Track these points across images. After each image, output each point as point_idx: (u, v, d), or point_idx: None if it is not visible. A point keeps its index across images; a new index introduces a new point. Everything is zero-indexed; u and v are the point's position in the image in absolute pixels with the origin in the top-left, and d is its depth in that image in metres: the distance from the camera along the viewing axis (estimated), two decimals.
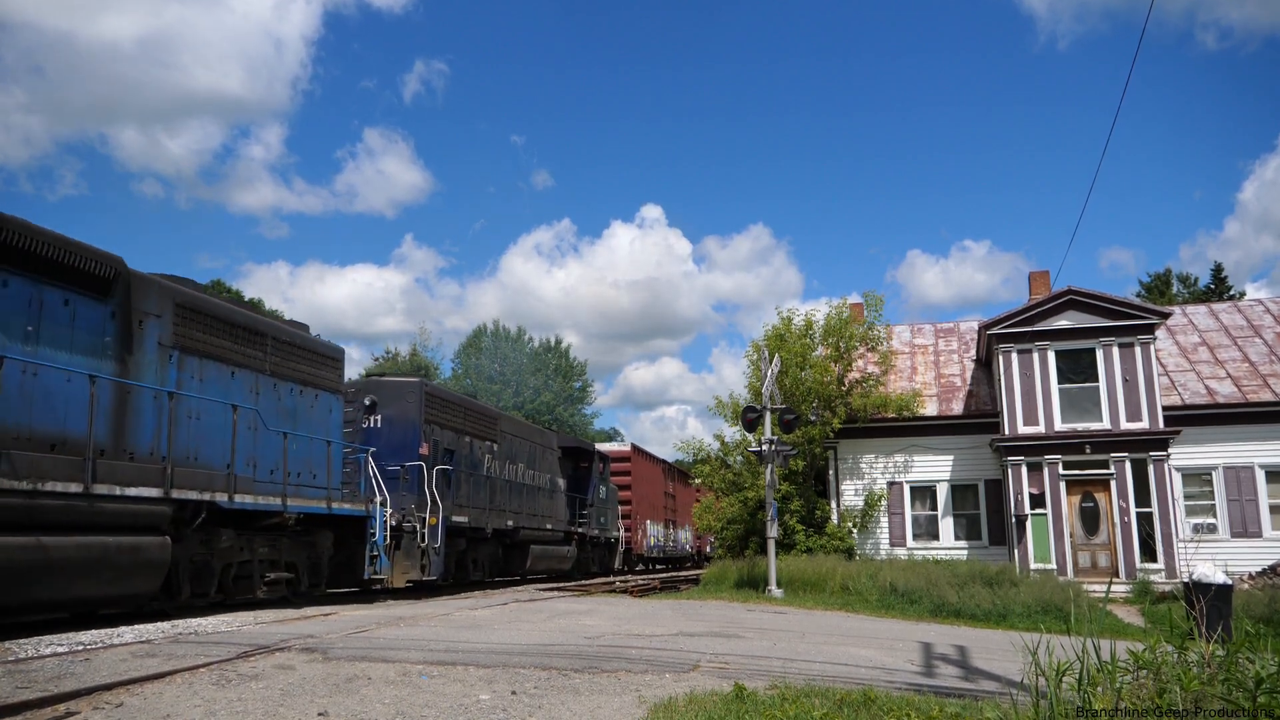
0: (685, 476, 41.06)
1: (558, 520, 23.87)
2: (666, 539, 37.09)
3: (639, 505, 32.50)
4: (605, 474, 28.10)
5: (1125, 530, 20.78)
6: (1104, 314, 21.89)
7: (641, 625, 10.58)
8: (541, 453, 23.36)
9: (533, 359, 63.14)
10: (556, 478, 24.33)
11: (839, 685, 6.41)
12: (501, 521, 19.94)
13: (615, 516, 29.44)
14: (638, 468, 33.40)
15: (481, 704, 5.64)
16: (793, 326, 24.74)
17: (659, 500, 36.30)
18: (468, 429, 18.88)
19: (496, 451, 20.20)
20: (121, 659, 6.75)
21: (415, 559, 15.43)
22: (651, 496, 34.80)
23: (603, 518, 27.66)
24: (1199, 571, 10.38)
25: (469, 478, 18.67)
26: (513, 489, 21.10)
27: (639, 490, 32.67)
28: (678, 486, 40.03)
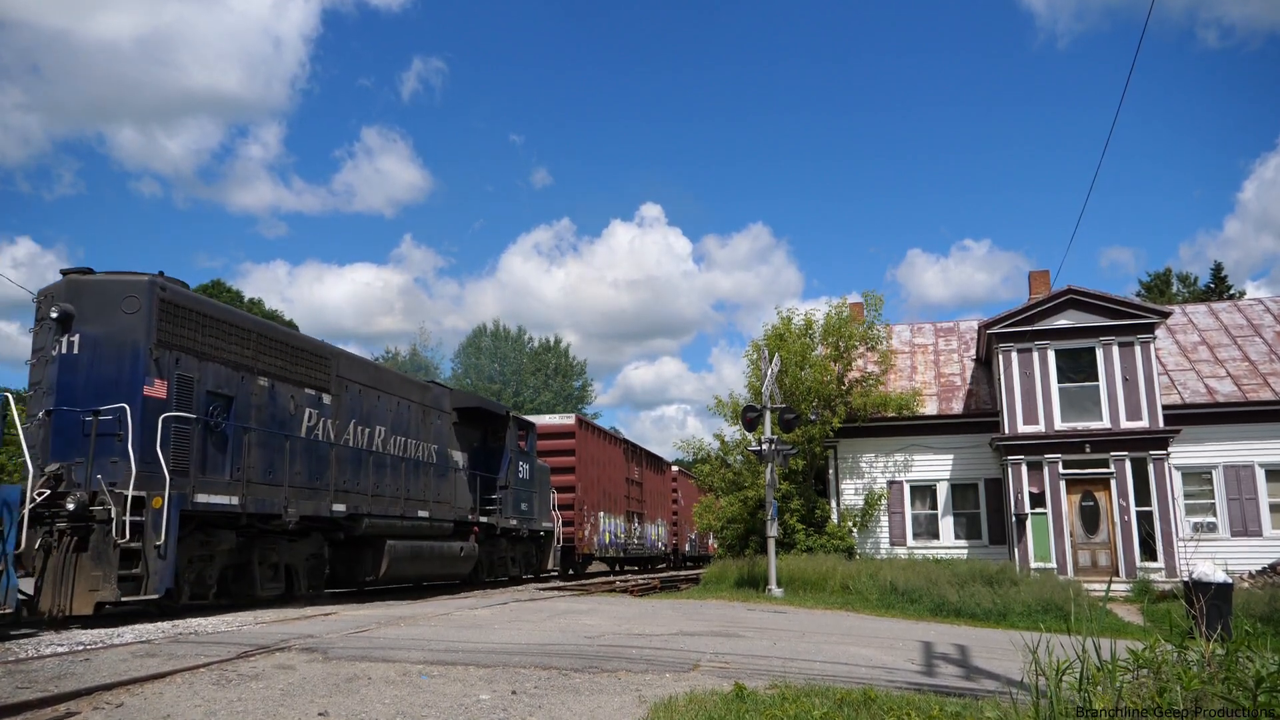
0: (658, 462, 37.20)
1: (449, 506, 17.79)
2: (629, 535, 31.06)
3: (587, 492, 26.63)
4: (531, 449, 21.85)
5: (1125, 529, 20.78)
6: (1104, 313, 21.89)
7: (642, 624, 10.58)
8: (421, 415, 17.11)
9: (532, 358, 63.18)
10: (450, 449, 18.20)
11: (839, 684, 6.41)
12: (322, 506, 13.47)
13: (548, 505, 23.13)
14: (586, 446, 27.05)
15: (482, 704, 5.64)
16: (792, 326, 24.74)
17: (617, 488, 30.18)
18: (264, 366, 12.65)
19: (329, 405, 14.00)
20: (121, 659, 6.75)
21: (110, 566, 9.53)
22: (606, 482, 28.69)
23: (524, 504, 21.08)
24: (1199, 570, 10.39)
25: (264, 439, 12.37)
26: (359, 461, 14.80)
27: (587, 474, 26.80)
28: (647, 473, 34.56)
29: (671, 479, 39.46)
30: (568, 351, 65.74)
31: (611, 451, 30.00)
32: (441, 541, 17.35)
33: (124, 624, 9.44)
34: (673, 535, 38.68)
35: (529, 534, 21.76)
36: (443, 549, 17.30)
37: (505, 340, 63.69)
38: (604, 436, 29.84)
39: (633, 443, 33.37)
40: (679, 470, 40.94)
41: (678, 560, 40.35)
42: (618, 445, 31.13)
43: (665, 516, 37.07)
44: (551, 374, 63.36)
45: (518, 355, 62.86)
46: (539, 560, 22.98)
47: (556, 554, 23.50)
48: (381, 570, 15.00)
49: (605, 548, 28.21)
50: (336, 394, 14.40)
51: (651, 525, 34.37)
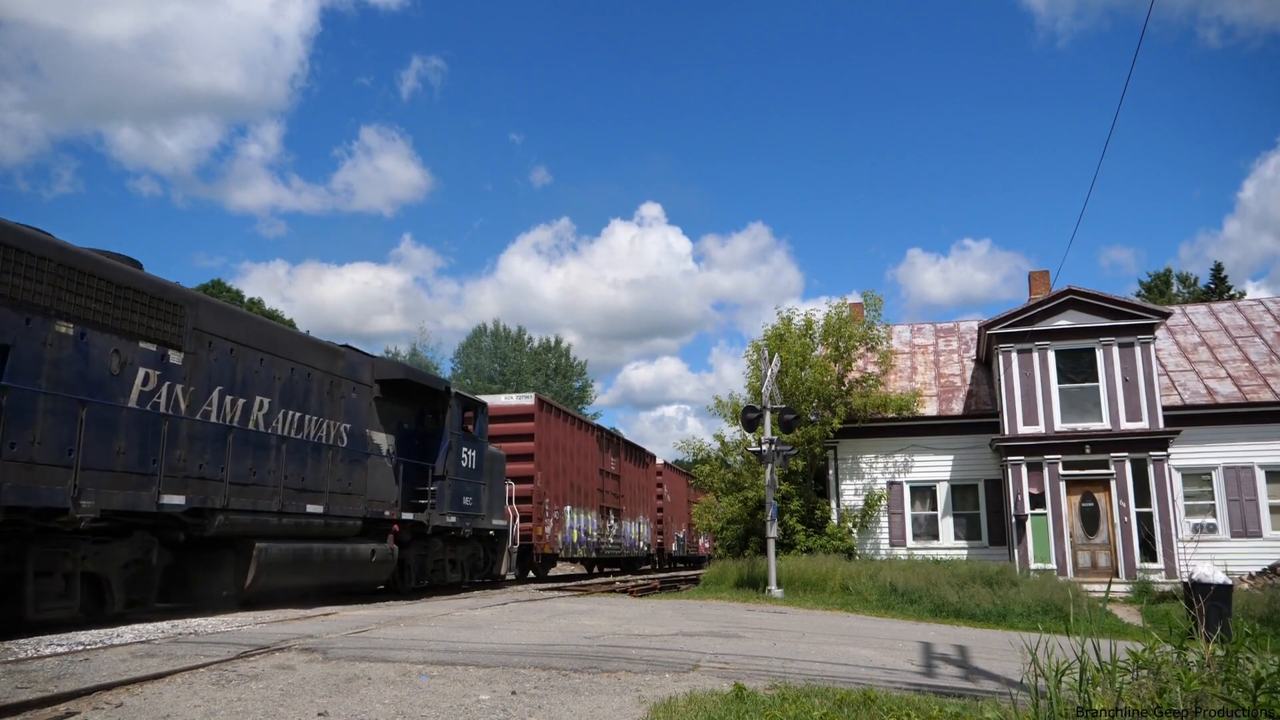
0: (640, 454, 34.08)
1: (360, 500, 14.28)
2: (603, 533, 27.75)
3: (550, 484, 23.33)
4: (480, 433, 18.28)
5: (1125, 530, 20.79)
6: (1104, 314, 21.90)
7: (641, 625, 10.58)
8: (327, 386, 13.79)
9: (532, 358, 63.23)
10: (368, 430, 14.86)
11: (839, 685, 6.41)
12: (145, 497, 10.04)
13: (501, 499, 19.48)
14: (549, 430, 23.62)
15: (481, 704, 5.64)
16: (792, 326, 24.76)
17: (588, 480, 26.90)
18: (71, 308, 9.39)
19: (180, 367, 10.88)
20: (121, 659, 6.75)
21: None
22: (574, 473, 25.52)
23: (468, 498, 17.49)
24: (1199, 571, 10.39)
25: (57, 406, 9.00)
26: (221, 440, 11.45)
27: (551, 462, 23.52)
28: (626, 465, 31.46)
29: (656, 473, 36.74)
30: (568, 352, 65.84)
31: (582, 439, 26.55)
32: (342, 543, 13.62)
33: (123, 624, 9.44)
34: (656, 534, 35.85)
35: (474, 533, 17.93)
36: (343, 553, 13.47)
37: (505, 340, 63.74)
38: (573, 421, 26.22)
39: (609, 430, 30.29)
40: (664, 464, 38.73)
41: (662, 562, 37.93)
42: (589, 432, 27.64)
43: (648, 514, 34.10)
44: (552, 374, 63.41)
45: (518, 355, 62.91)
46: (490, 563, 19.26)
47: (512, 556, 19.69)
48: (247, 580, 11.47)
49: (572, 547, 24.86)
50: (193, 352, 11.06)
51: (631, 523, 31.13)
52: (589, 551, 26.73)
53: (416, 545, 16.15)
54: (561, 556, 24.67)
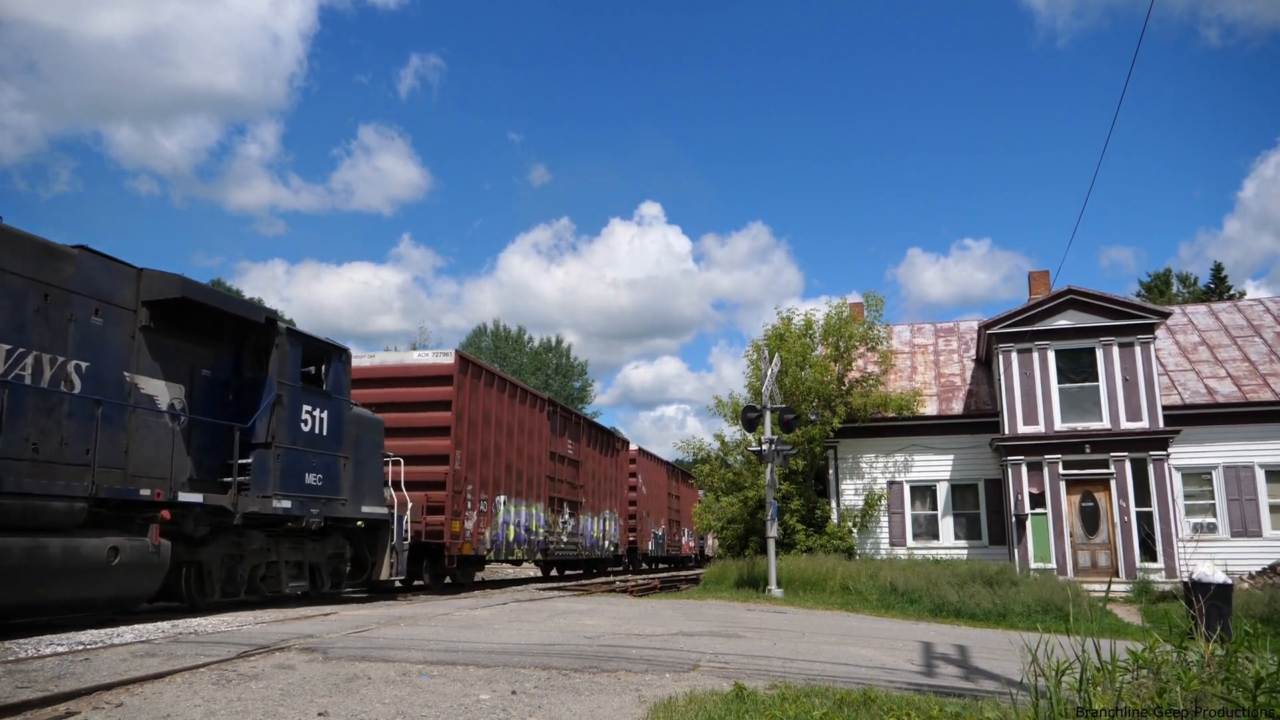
0: (608, 438, 28.66)
1: (121, 472, 10.08)
2: (553, 531, 22.76)
3: (477, 466, 18.26)
4: (339, 389, 13.51)
5: (1125, 530, 20.78)
6: (1104, 313, 21.90)
7: (641, 625, 10.58)
8: (40, 303, 9.32)
9: (533, 358, 63.26)
10: (128, 372, 10.42)
11: (839, 685, 6.41)
12: None
13: (378, 479, 14.48)
14: (475, 399, 18.35)
15: (481, 704, 5.64)
16: (792, 326, 24.76)
17: (535, 464, 21.73)
18: None
19: None
20: (121, 659, 6.75)
21: None
22: (514, 455, 20.35)
23: (315, 474, 12.73)
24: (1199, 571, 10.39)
25: None
26: None
27: (477, 440, 18.35)
28: (589, 452, 26.45)
29: (629, 461, 31.62)
30: (568, 352, 65.84)
31: (527, 414, 21.21)
32: (49, 537, 8.70)
33: (124, 624, 9.44)
34: (629, 532, 30.85)
35: (329, 524, 13.25)
36: (43, 553, 8.53)
37: (505, 340, 63.74)
38: (513, 391, 20.63)
39: (566, 408, 25.41)
40: (640, 451, 33.50)
41: (635, 564, 33.02)
42: (538, 407, 22.18)
43: (617, 508, 29.06)
44: (552, 374, 63.41)
45: (518, 355, 62.92)
46: (370, 564, 14.61)
47: (399, 555, 14.75)
48: None
49: (507, 546, 19.78)
50: None
51: (594, 519, 26.24)
52: (532, 552, 21.56)
53: (221, 541, 11.47)
54: (492, 558, 19.31)
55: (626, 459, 31.28)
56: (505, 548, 19.86)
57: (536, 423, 22.13)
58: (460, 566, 18.33)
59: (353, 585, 15.09)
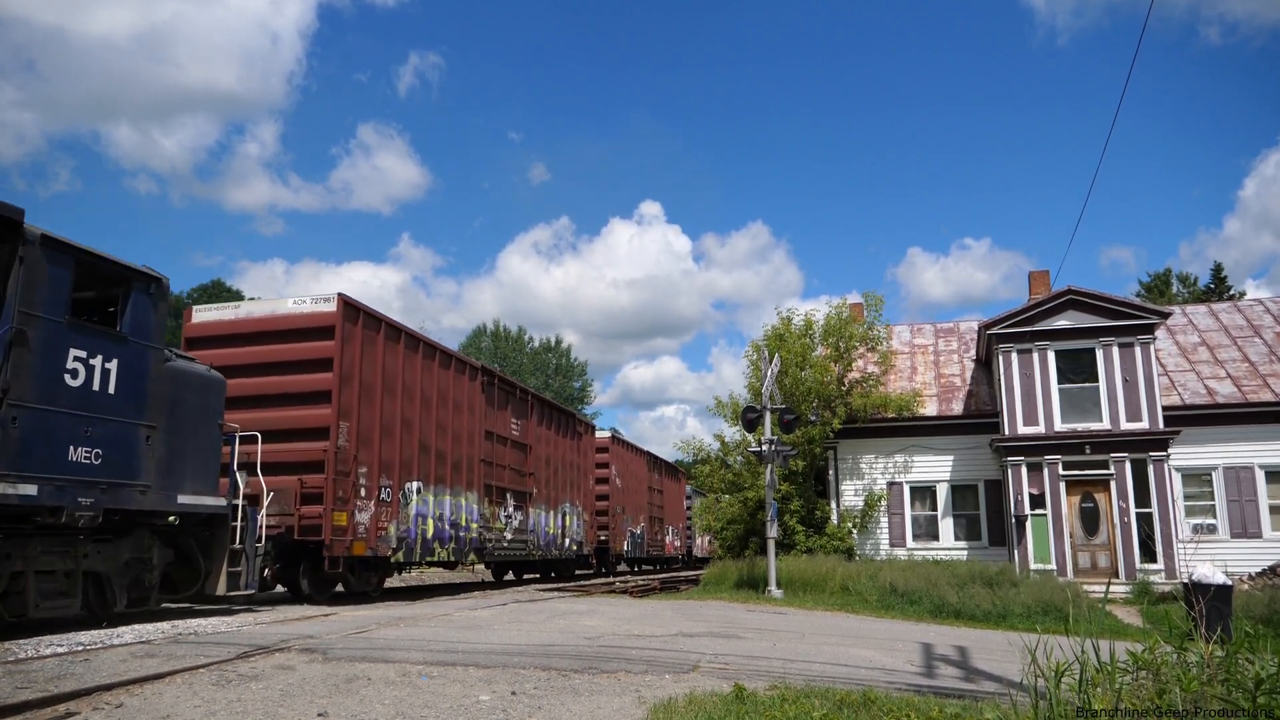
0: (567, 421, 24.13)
1: None
2: (489, 526, 18.40)
3: (375, 443, 14.26)
4: (137, 331, 9.44)
5: (1125, 530, 20.78)
6: (1104, 314, 21.90)
7: (641, 625, 10.58)
8: None
9: (533, 358, 63.28)
10: None
11: (839, 686, 6.41)
12: None
13: (208, 456, 10.57)
14: (370, 359, 14.33)
15: (481, 704, 5.64)
16: (792, 326, 24.78)
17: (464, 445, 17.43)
18: None
19: None
20: (121, 659, 6.75)
21: None
22: (432, 432, 16.17)
23: (87, 448, 8.59)
24: (1199, 572, 10.39)
25: None
26: None
27: (373, 410, 14.27)
28: (543, 433, 21.95)
29: (598, 449, 27.45)
30: (569, 352, 65.85)
31: (452, 383, 16.93)
32: None
33: (123, 624, 9.44)
34: (596, 529, 26.51)
35: (125, 519, 9.50)
36: None
37: (505, 340, 63.73)
38: (428, 353, 16.19)
39: (509, 379, 20.74)
40: (614, 438, 29.43)
41: (607, 565, 29.10)
42: (466, 375, 17.65)
43: (582, 501, 24.91)
44: (552, 374, 63.43)
45: (518, 355, 62.92)
46: (205, 569, 10.76)
47: (253, 560, 11.29)
48: None
49: (426, 544, 15.71)
50: None
51: (550, 513, 22.12)
52: (462, 552, 17.23)
53: None
54: (399, 559, 15.10)
55: (593, 445, 26.83)
56: (421, 547, 15.50)
57: (466, 394, 17.51)
58: (357, 571, 14.24)
59: (175, 600, 11.11)
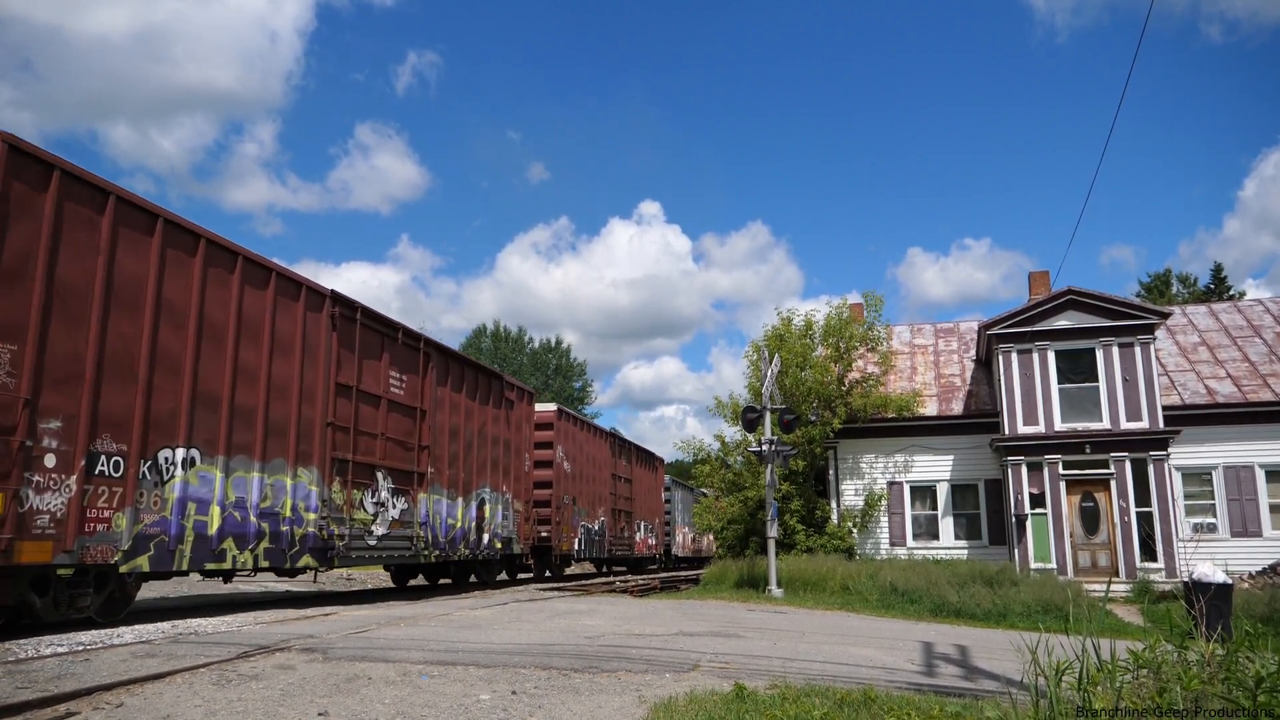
0: (494, 384, 19.00)
1: None
2: (339, 513, 13.40)
3: (63, 386, 8.94)
4: None
5: (1125, 530, 20.79)
6: (1104, 314, 21.91)
7: (642, 625, 10.58)
8: None
9: (533, 358, 63.30)
10: None
11: (839, 685, 6.41)
12: None
13: None
14: (44, 230, 8.83)
15: (482, 704, 5.64)
16: (792, 326, 24.78)
17: (281, 397, 12.27)
18: None
19: None
20: (121, 659, 6.75)
21: None
22: (211, 372, 10.98)
23: None
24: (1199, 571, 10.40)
25: None
26: None
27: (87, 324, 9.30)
28: (440, 393, 16.63)
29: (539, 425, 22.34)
30: (568, 352, 65.84)
31: (264, 306, 12.07)
32: None
33: (124, 624, 9.44)
34: (535, 523, 21.49)
35: None
36: None
37: (505, 341, 63.73)
38: (212, 255, 11.16)
39: (389, 319, 15.17)
40: (562, 415, 23.98)
41: (551, 565, 23.91)
42: (298, 301, 12.78)
43: (511, 486, 19.62)
44: (552, 374, 63.42)
45: (518, 355, 62.93)
46: None
47: None
48: None
49: (202, 545, 10.61)
50: None
51: (455, 501, 16.93)
52: (278, 552, 11.99)
53: None
54: (147, 568, 9.82)
55: (528, 418, 21.01)
56: (195, 547, 10.41)
57: (300, 329, 12.61)
58: (55, 590, 9.09)
59: None
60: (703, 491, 40.85)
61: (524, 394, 21.06)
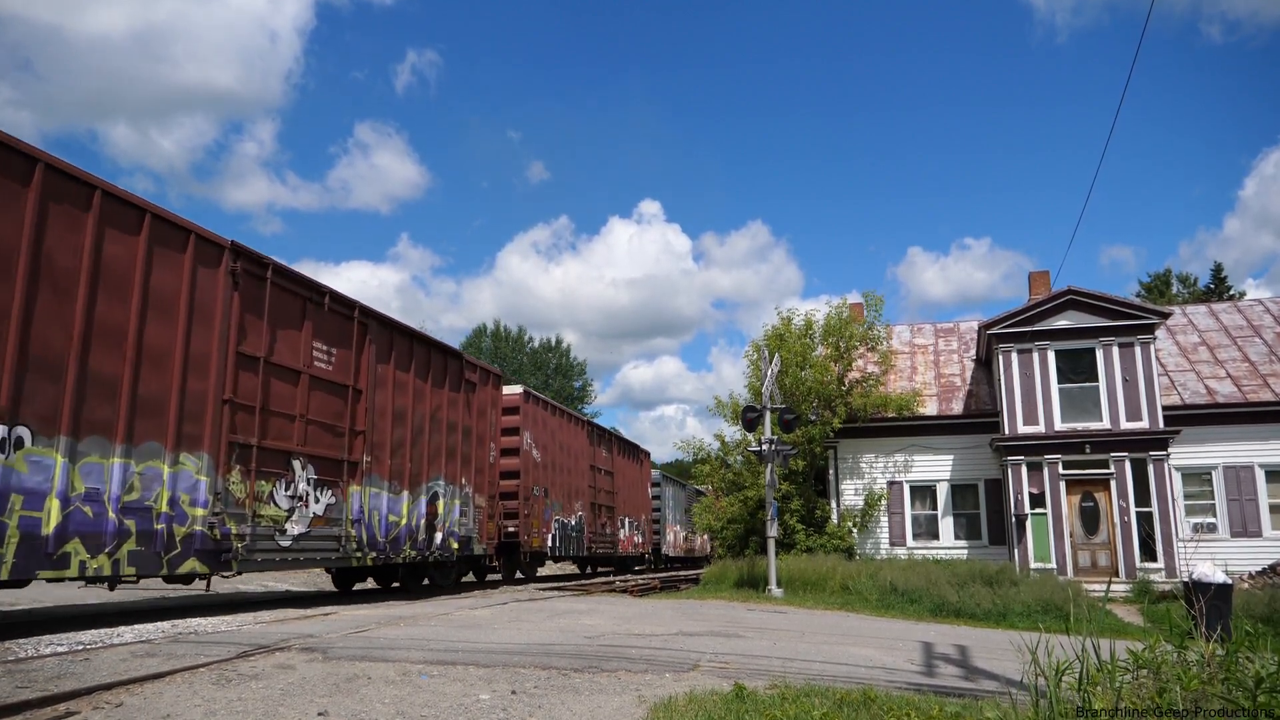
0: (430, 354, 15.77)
1: None
2: (233, 507, 10.85)
3: None
4: None
5: (1125, 530, 20.79)
6: (1104, 314, 21.91)
7: (641, 625, 10.58)
8: None
9: (533, 358, 63.32)
10: None
11: (839, 685, 6.41)
12: None
13: None
14: None
15: (481, 704, 5.64)
16: (792, 326, 24.79)
17: (156, 369, 9.84)
18: None
19: None
20: (121, 659, 6.75)
21: None
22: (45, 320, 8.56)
23: None
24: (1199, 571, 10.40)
25: None
26: None
27: None
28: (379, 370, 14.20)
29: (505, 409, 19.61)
30: (568, 352, 65.84)
31: (116, 248, 9.42)
32: None
33: (124, 624, 9.44)
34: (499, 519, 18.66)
35: None
36: None
37: (505, 340, 63.74)
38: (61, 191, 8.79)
39: (311, 281, 12.85)
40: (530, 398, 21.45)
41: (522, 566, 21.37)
42: (170, 247, 10.19)
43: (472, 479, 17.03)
44: (552, 374, 63.43)
45: (518, 355, 62.94)
46: None
47: None
48: None
49: (30, 548, 8.20)
50: None
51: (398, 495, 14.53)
52: (148, 557, 9.65)
53: None
54: None
55: (495, 403, 18.43)
56: (19, 552, 8.14)
57: (166, 281, 10.16)
58: None
59: None
60: (696, 488, 40.57)
61: (489, 376, 18.43)
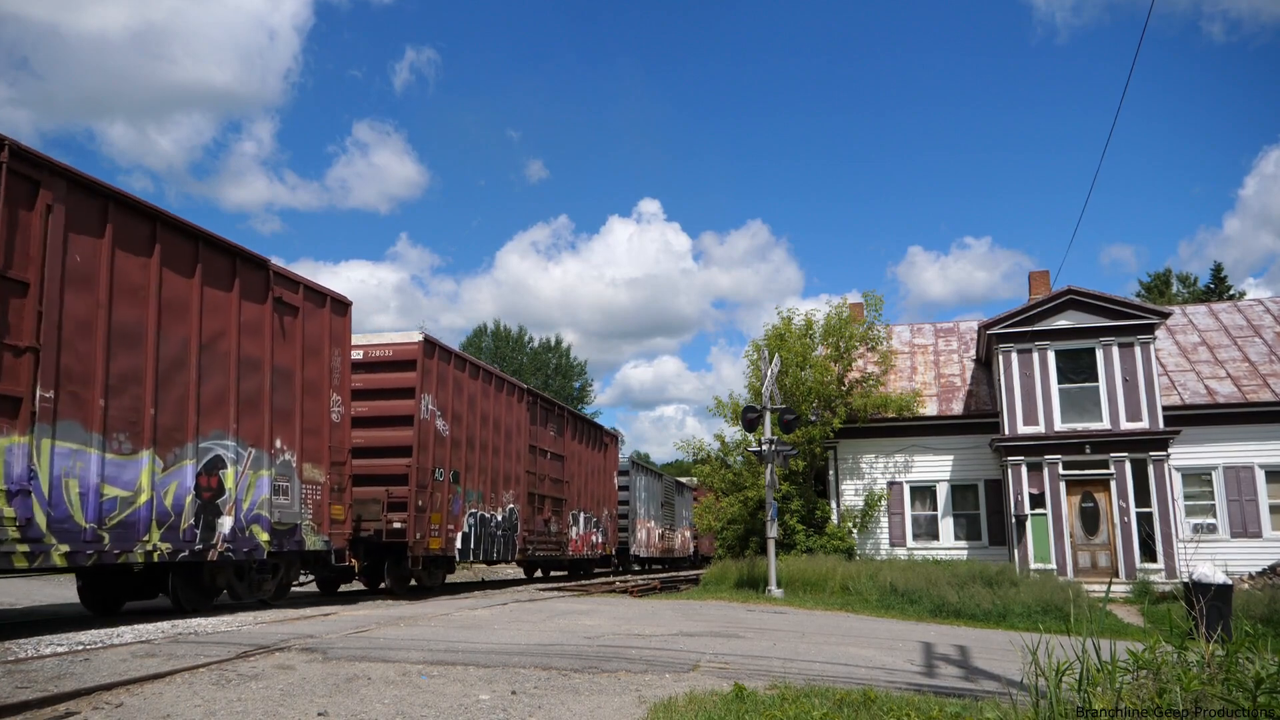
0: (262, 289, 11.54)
1: None
2: None
3: None
4: None
5: (1125, 530, 20.78)
6: (1104, 314, 21.91)
7: (641, 625, 10.58)
8: None
9: (533, 358, 63.33)
10: None
11: (839, 685, 6.41)
12: None
13: None
14: None
15: (481, 704, 5.64)
16: (792, 326, 24.79)
17: None
18: None
19: None
20: (121, 659, 6.75)
21: None
22: None
23: None
24: (1199, 571, 10.39)
25: None
26: None
27: None
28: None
29: (402, 363, 16.02)
30: (568, 351, 65.84)
31: None
32: None
33: (124, 624, 9.44)
34: (385, 510, 15.22)
35: None
36: None
37: (505, 340, 63.74)
38: None
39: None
40: (445, 352, 16.97)
41: (417, 572, 16.40)
42: None
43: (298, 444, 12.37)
44: (552, 373, 63.43)
45: (518, 355, 62.94)
46: None
47: None
48: None
49: None
50: None
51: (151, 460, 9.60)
52: None
53: None
54: None
55: (339, 340, 13.71)
56: None
57: None
58: None
59: None
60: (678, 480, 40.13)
61: (324, 299, 13.37)
